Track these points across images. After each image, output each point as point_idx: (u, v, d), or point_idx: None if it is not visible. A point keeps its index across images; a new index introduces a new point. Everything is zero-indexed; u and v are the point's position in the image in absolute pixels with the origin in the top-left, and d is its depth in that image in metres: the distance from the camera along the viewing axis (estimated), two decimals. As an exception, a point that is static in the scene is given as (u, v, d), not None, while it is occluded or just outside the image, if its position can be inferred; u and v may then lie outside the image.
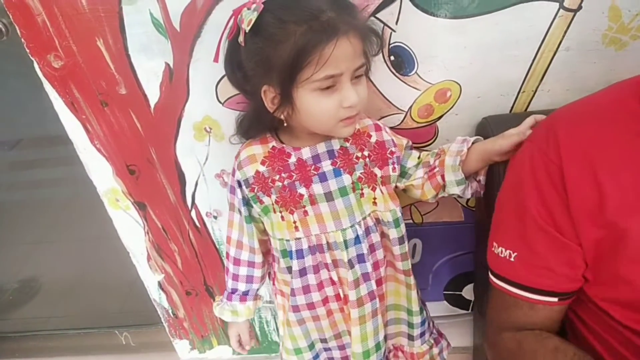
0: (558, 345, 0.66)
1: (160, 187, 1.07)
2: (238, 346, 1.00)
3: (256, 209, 0.84)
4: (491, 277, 0.73)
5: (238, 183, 0.83)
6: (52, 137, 1.18)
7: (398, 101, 0.92)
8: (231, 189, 0.85)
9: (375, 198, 0.83)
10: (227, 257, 0.92)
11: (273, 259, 0.91)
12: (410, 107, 0.93)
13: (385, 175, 0.84)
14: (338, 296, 0.87)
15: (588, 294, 0.66)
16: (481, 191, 0.87)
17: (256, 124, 0.82)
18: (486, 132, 0.88)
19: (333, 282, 0.86)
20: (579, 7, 0.80)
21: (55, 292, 1.66)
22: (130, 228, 1.15)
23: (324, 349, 0.98)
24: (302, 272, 0.84)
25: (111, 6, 0.83)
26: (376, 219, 0.84)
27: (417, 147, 0.96)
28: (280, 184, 0.81)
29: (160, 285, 1.26)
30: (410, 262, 0.89)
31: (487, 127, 0.89)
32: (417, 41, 0.85)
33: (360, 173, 0.82)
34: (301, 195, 0.81)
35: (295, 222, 0.82)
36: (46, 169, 1.41)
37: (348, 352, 0.96)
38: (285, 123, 0.78)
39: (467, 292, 1.24)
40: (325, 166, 0.81)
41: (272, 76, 0.71)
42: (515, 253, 0.68)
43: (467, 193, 0.86)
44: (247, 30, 0.69)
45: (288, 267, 0.86)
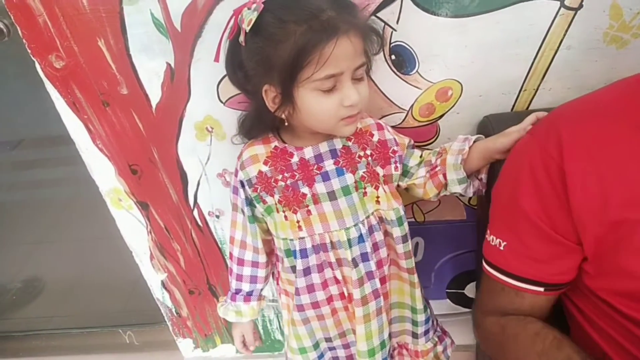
0: (539, 330, 0.68)
1: (162, 187, 1.07)
2: (242, 347, 1.00)
3: (259, 209, 0.84)
4: (483, 264, 0.76)
5: (241, 183, 0.83)
6: (54, 137, 1.18)
7: (399, 100, 0.93)
8: (234, 190, 0.86)
9: (378, 197, 0.84)
10: (231, 258, 0.92)
11: (277, 259, 0.92)
12: (411, 106, 0.93)
13: (387, 174, 0.84)
14: (342, 295, 0.87)
15: (589, 287, 0.66)
16: (483, 189, 0.88)
17: (258, 124, 0.82)
18: (487, 131, 0.88)
19: (337, 281, 0.86)
20: (580, 6, 0.80)
21: (58, 292, 1.66)
22: (133, 228, 1.15)
23: (329, 348, 0.98)
24: (306, 272, 0.84)
25: (112, 6, 0.83)
26: (379, 218, 0.84)
27: (419, 146, 0.97)
28: (283, 184, 0.81)
29: (163, 284, 1.26)
30: (413, 260, 0.89)
31: (489, 126, 0.89)
32: (418, 40, 0.85)
33: (362, 172, 0.82)
34: (304, 194, 0.81)
35: (298, 222, 0.82)
36: (48, 169, 1.41)
37: (353, 351, 0.96)
38: (286, 122, 0.78)
39: (470, 290, 1.24)
40: (327, 165, 0.81)
41: (273, 76, 0.71)
42: (505, 242, 0.71)
43: (469, 191, 0.86)
44: (248, 30, 0.69)
45: (292, 267, 0.86)
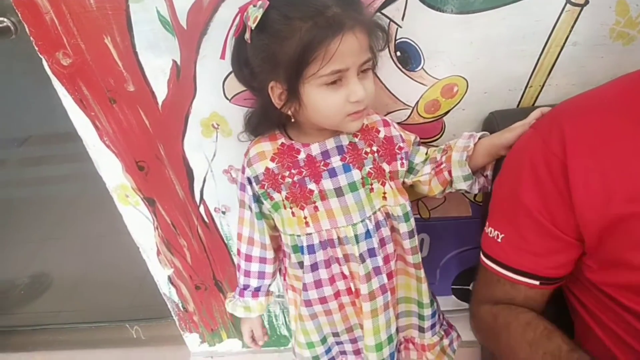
0: (530, 320, 0.69)
1: (169, 183, 1.08)
2: (251, 341, 1.01)
3: (266, 206, 0.85)
4: (480, 255, 0.77)
5: (248, 180, 0.83)
6: (61, 134, 1.18)
7: (404, 97, 0.93)
8: (241, 186, 0.86)
9: (385, 193, 0.84)
10: (239, 254, 0.92)
11: (284, 255, 0.92)
12: (416, 103, 0.93)
13: (393, 170, 0.84)
14: (349, 290, 0.88)
15: (592, 280, 0.66)
16: (488, 186, 0.87)
17: (264, 121, 0.83)
18: (493, 127, 0.88)
19: (344, 277, 0.87)
20: (586, 2, 0.80)
21: (66, 287, 1.67)
22: (140, 223, 1.16)
23: (336, 343, 0.99)
24: (314, 267, 0.85)
25: (118, 4, 0.83)
26: (386, 214, 0.85)
27: (424, 143, 0.97)
28: (290, 180, 0.81)
29: (170, 279, 1.27)
30: (420, 256, 0.90)
31: (494, 122, 0.89)
32: (424, 37, 0.85)
33: (369, 168, 0.82)
34: (311, 191, 0.81)
35: (305, 218, 0.82)
36: (55, 166, 1.42)
37: (360, 345, 0.97)
38: (293, 119, 0.78)
39: (475, 286, 1.24)
40: (334, 162, 0.81)
41: (279, 72, 0.71)
42: (503, 235, 0.71)
43: (475, 188, 0.86)
44: (253, 27, 0.69)
45: (299, 262, 0.86)
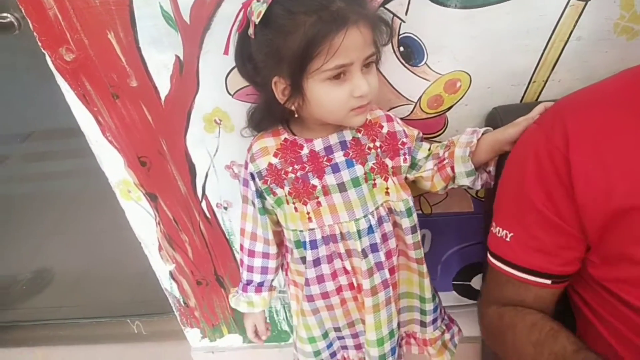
0: (536, 320, 0.68)
1: (171, 179, 1.08)
2: (254, 336, 1.01)
3: (269, 201, 0.85)
4: (488, 256, 0.76)
5: (251, 175, 0.83)
6: (64, 130, 1.19)
7: (407, 92, 0.92)
8: (244, 182, 0.86)
9: (387, 188, 0.84)
10: (242, 249, 0.92)
11: (286, 250, 0.92)
12: (419, 98, 0.93)
13: (396, 165, 0.84)
14: (351, 285, 0.88)
15: (594, 276, 0.66)
16: (491, 182, 0.87)
17: (267, 116, 0.83)
18: (496, 123, 0.88)
19: (346, 272, 0.87)
20: (591, -4, 0.80)
21: (67, 282, 1.68)
22: (141, 219, 1.16)
23: (337, 338, 0.99)
24: (316, 262, 0.85)
25: (122, -1, 0.83)
26: (388, 209, 0.85)
27: (427, 138, 0.97)
28: (293, 176, 0.81)
29: (171, 274, 1.27)
30: (422, 251, 0.90)
31: (497, 118, 0.89)
32: (427, 32, 0.85)
33: (372, 163, 0.82)
34: (314, 186, 0.82)
35: (308, 213, 0.83)
36: (58, 161, 1.42)
37: (361, 340, 0.97)
38: (296, 114, 0.78)
39: (476, 283, 1.24)
40: (337, 157, 0.81)
41: (283, 67, 0.71)
42: (511, 234, 0.70)
43: (477, 184, 0.86)
44: (257, 22, 0.69)
45: (302, 258, 0.86)
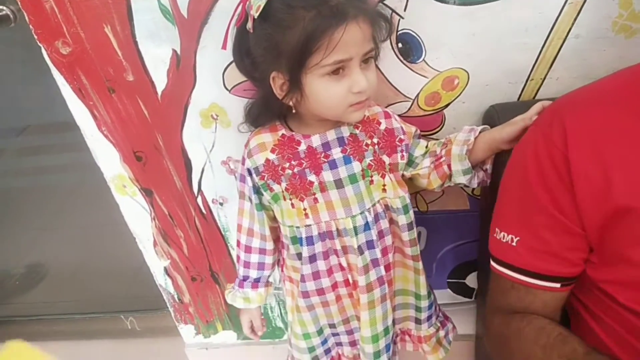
0: (544, 325, 0.67)
1: (166, 174, 1.08)
2: (250, 332, 1.01)
3: (266, 197, 0.85)
4: (491, 263, 0.74)
5: (248, 171, 0.83)
6: (60, 124, 1.18)
7: (405, 89, 0.92)
8: (241, 178, 0.86)
9: (384, 185, 0.84)
10: (238, 245, 0.92)
11: (282, 246, 0.92)
12: (417, 95, 0.93)
13: (393, 162, 0.84)
14: (347, 282, 0.88)
15: (592, 277, 0.66)
16: (488, 180, 0.88)
17: (265, 112, 0.82)
18: (493, 120, 0.88)
19: (342, 268, 0.87)
20: (589, -6, 0.80)
21: (61, 277, 1.67)
22: (136, 214, 1.15)
23: (332, 334, 0.99)
24: (312, 259, 0.85)
25: (119, -8, 0.83)
26: (385, 206, 0.85)
27: (424, 136, 0.96)
28: (290, 172, 0.81)
29: (166, 270, 1.27)
30: (418, 248, 0.90)
31: (494, 115, 0.89)
32: (426, 28, 0.85)
33: (369, 160, 0.82)
34: (311, 182, 0.81)
35: (305, 210, 0.82)
36: (53, 155, 1.41)
37: (356, 337, 0.97)
38: (294, 110, 0.78)
39: (471, 280, 1.25)
40: (335, 153, 0.81)
41: (281, 62, 0.71)
42: (517, 238, 0.68)
43: (474, 182, 0.86)
44: (256, 16, 0.69)
45: (298, 254, 0.86)
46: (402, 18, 0.83)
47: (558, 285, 0.67)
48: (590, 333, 0.69)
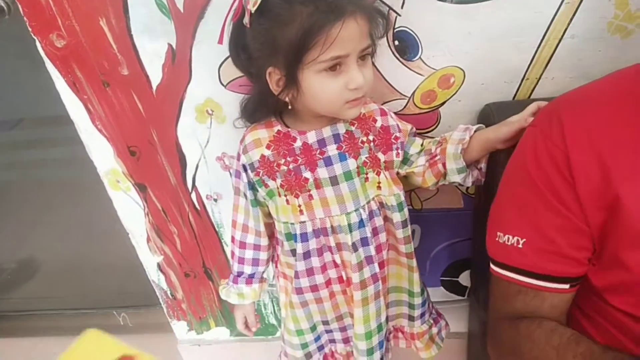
0: (555, 327, 0.65)
1: (160, 169, 1.07)
2: (244, 328, 1.01)
3: (261, 193, 0.84)
4: (494, 268, 0.71)
5: (243, 167, 0.83)
6: (54, 117, 1.17)
7: (401, 86, 0.92)
8: (236, 173, 0.85)
9: (379, 182, 0.84)
10: (233, 241, 0.92)
11: (276, 242, 0.92)
12: (413, 93, 0.93)
13: (388, 160, 0.84)
14: (341, 278, 0.88)
15: (590, 281, 0.66)
16: (482, 179, 0.88)
17: (261, 108, 0.82)
18: (489, 119, 0.88)
19: (336, 265, 0.87)
20: (586, -6, 0.80)
21: (53, 272, 1.65)
22: (130, 209, 1.15)
23: (326, 331, 0.99)
24: (306, 255, 0.85)
25: (115, -15, 0.82)
26: (380, 203, 0.85)
27: (419, 134, 0.97)
28: (285, 168, 0.81)
29: (159, 266, 1.26)
30: (412, 246, 0.90)
31: (490, 114, 0.89)
32: (422, 26, 0.85)
33: (365, 157, 0.82)
34: (306, 179, 0.81)
35: (300, 206, 0.82)
36: (47, 149, 1.40)
37: (349, 334, 0.97)
38: (290, 106, 0.77)
39: (464, 279, 1.25)
40: (330, 150, 0.81)
41: (278, 58, 0.71)
42: (524, 239, 0.66)
43: (468, 181, 0.86)
44: (253, 11, 0.69)
45: (292, 250, 0.86)
46: (399, 15, 0.83)
47: (567, 286, 0.66)
48: (582, 333, 0.69)
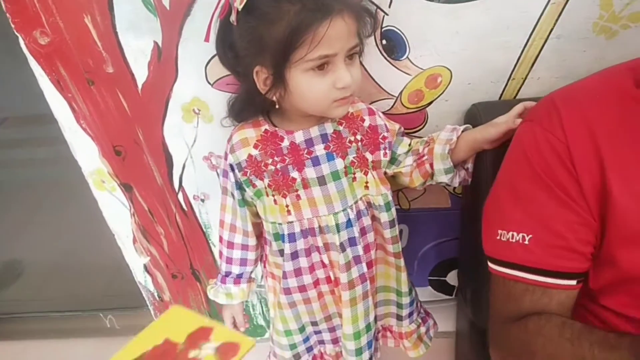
0: (564, 320, 0.63)
1: (147, 169, 1.06)
2: (233, 328, 1.00)
3: (249, 193, 0.84)
4: (495, 268, 0.69)
5: (230, 167, 0.82)
6: (37, 116, 1.16)
7: (389, 86, 0.92)
8: (224, 173, 0.85)
9: (367, 182, 0.84)
10: (221, 241, 0.91)
11: (265, 242, 0.91)
12: (400, 92, 0.93)
13: (376, 160, 0.84)
14: (329, 279, 0.88)
15: (586, 279, 0.66)
16: (469, 179, 0.88)
17: (248, 107, 0.81)
18: (475, 119, 0.88)
19: (324, 265, 0.86)
20: (571, -5, 0.81)
21: (39, 274, 1.64)
22: (115, 210, 1.13)
23: (315, 332, 0.99)
24: (294, 255, 0.85)
25: (99, -18, 0.81)
26: (367, 203, 0.85)
27: (407, 133, 0.97)
28: (273, 168, 0.81)
29: (145, 268, 1.25)
30: (400, 245, 0.90)
31: (477, 114, 0.89)
32: (410, 25, 0.85)
33: (352, 157, 0.82)
34: (294, 179, 0.81)
35: (287, 206, 0.82)
36: (31, 149, 1.38)
37: (338, 334, 0.97)
38: (277, 105, 0.77)
39: (452, 278, 1.26)
40: (318, 150, 0.81)
41: (265, 56, 0.70)
42: (530, 235, 0.64)
43: (455, 181, 0.86)
44: (240, 8, 0.68)
45: (280, 250, 0.86)
46: (387, 15, 0.83)
47: (574, 282, 0.64)
48: None
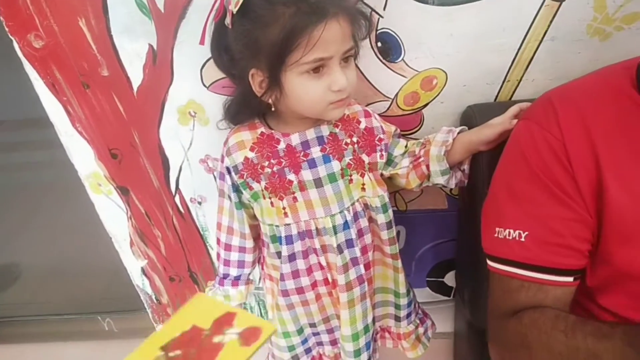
0: (558, 313, 0.64)
1: (143, 172, 1.06)
2: None
3: (246, 195, 0.84)
4: (493, 265, 0.70)
5: (227, 169, 0.82)
6: (33, 120, 1.15)
7: (384, 88, 0.93)
8: (220, 176, 0.85)
9: (363, 184, 0.84)
10: (218, 243, 0.91)
11: (262, 244, 0.92)
12: (396, 95, 0.93)
13: (372, 161, 0.84)
14: (326, 280, 0.88)
15: (584, 277, 0.66)
16: (465, 180, 0.88)
17: (244, 109, 0.81)
18: (471, 121, 0.88)
19: (322, 267, 0.87)
20: (565, -3, 0.81)
21: (36, 278, 1.63)
22: (112, 213, 1.13)
23: (313, 334, 0.99)
24: (292, 257, 0.85)
25: (94, -15, 0.81)
26: (364, 205, 0.85)
27: (403, 135, 0.97)
28: (269, 170, 0.81)
29: (143, 271, 1.25)
30: (397, 247, 0.90)
31: (472, 116, 0.89)
32: (405, 28, 0.85)
33: (349, 159, 0.82)
34: (290, 181, 0.81)
35: (284, 208, 0.82)
36: (27, 152, 1.38)
37: (337, 335, 0.97)
38: (273, 108, 0.77)
39: (449, 279, 1.26)
40: (314, 152, 0.81)
41: (260, 59, 0.70)
42: (526, 232, 0.65)
43: (452, 183, 0.87)
44: (235, 11, 0.68)
45: (277, 252, 0.86)
46: (382, 17, 0.84)
47: (571, 279, 0.65)
48: None
